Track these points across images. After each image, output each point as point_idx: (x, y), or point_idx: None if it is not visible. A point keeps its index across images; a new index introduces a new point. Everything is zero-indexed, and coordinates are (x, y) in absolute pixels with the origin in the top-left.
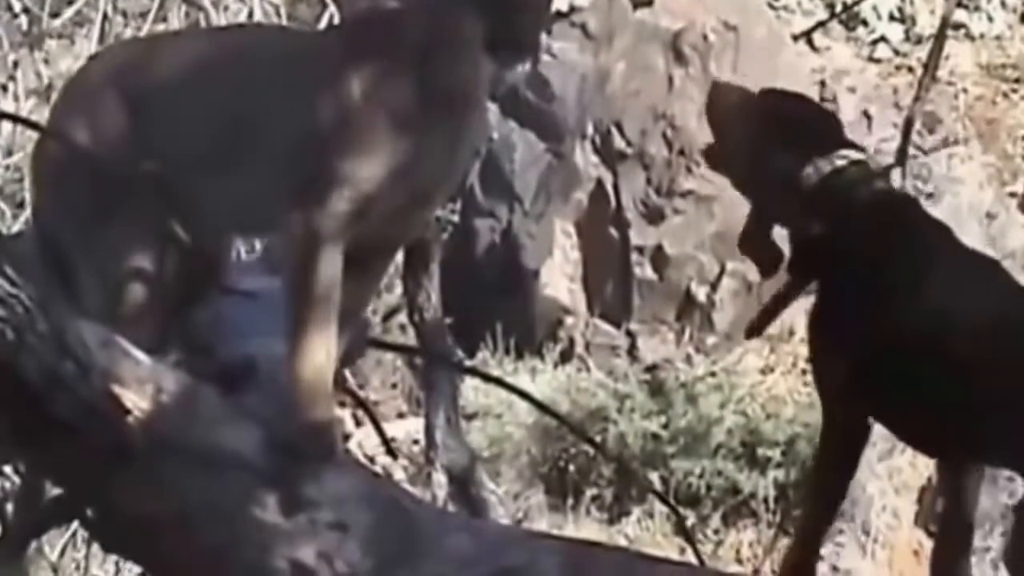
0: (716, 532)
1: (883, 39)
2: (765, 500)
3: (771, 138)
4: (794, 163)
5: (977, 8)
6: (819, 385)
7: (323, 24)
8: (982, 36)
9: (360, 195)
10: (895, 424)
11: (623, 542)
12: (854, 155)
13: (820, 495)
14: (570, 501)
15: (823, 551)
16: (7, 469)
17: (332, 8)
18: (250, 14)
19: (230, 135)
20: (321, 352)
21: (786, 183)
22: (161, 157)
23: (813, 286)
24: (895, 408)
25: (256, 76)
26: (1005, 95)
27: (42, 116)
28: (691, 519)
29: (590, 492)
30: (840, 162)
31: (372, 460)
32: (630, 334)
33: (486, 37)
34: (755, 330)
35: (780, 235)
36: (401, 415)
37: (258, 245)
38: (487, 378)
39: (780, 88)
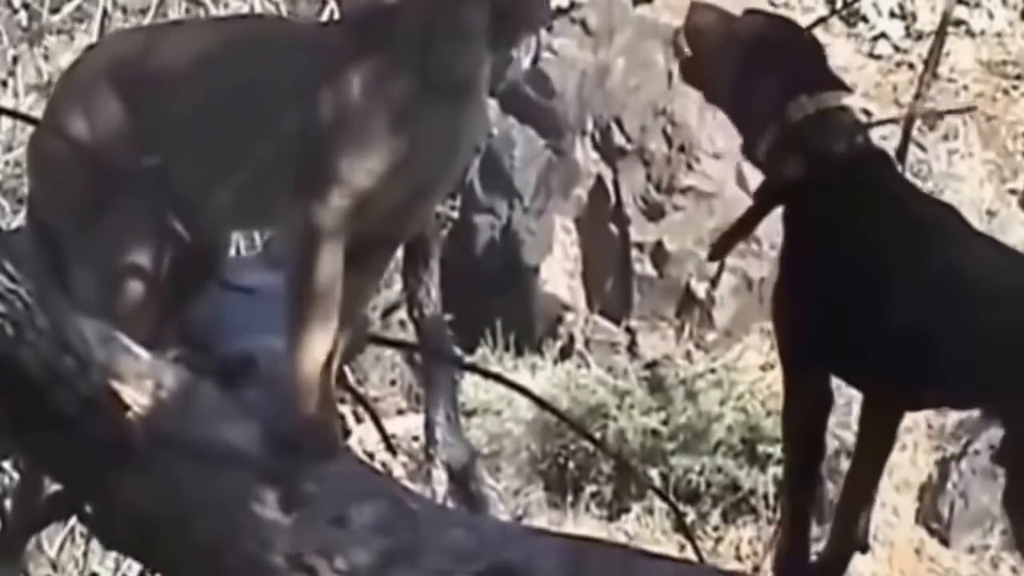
0: (716, 529)
1: (884, 36)
2: (765, 497)
3: (756, 63)
4: (778, 94)
5: (978, 5)
6: (780, 337)
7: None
8: (983, 33)
9: (360, 190)
10: (851, 373)
11: (622, 539)
12: (840, 98)
13: (795, 476)
14: (570, 498)
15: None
16: (6, 465)
17: (332, 5)
18: (251, 10)
19: (229, 127)
20: (322, 348)
21: (767, 113)
22: (159, 149)
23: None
24: (852, 355)
25: (256, 67)
26: (1006, 92)
27: (42, 112)
28: (691, 516)
29: (590, 489)
30: (826, 103)
31: (372, 456)
32: (630, 331)
33: (491, 13)
34: (719, 251)
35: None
36: (401, 411)
37: (258, 240)
38: (487, 374)
39: (764, 11)
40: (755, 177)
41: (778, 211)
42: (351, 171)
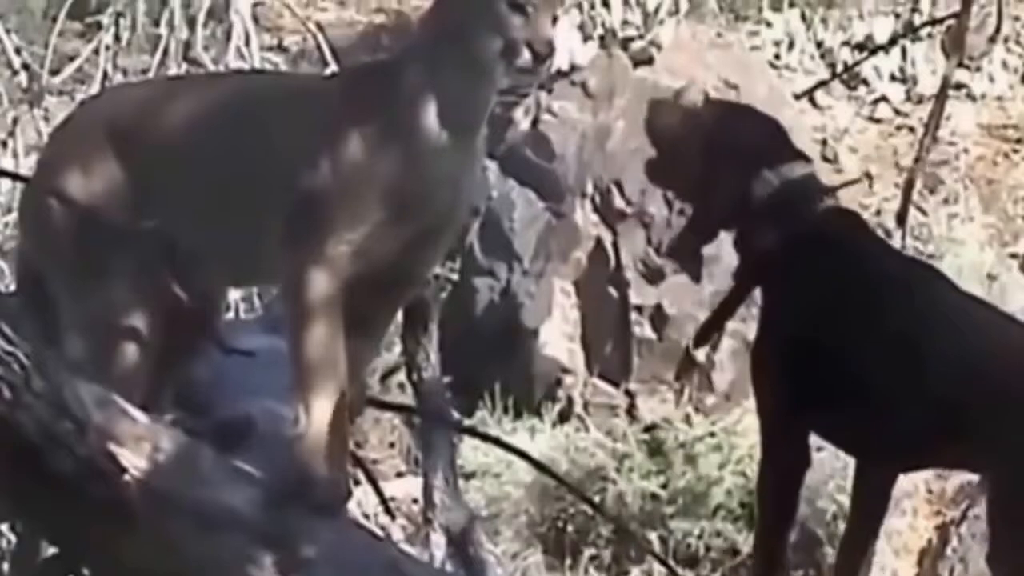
0: None
1: (884, 99)
2: None
3: (720, 150)
4: (743, 174)
5: (978, 68)
6: (760, 398)
7: None
8: (983, 96)
9: (355, 240)
10: (830, 431)
11: None
12: (804, 168)
13: (767, 534)
14: (568, 561)
15: None
16: (4, 528)
17: (333, 67)
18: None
19: (229, 181)
20: (328, 397)
21: (735, 194)
22: (156, 206)
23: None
24: (832, 414)
25: (255, 122)
26: (1006, 155)
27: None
28: None
29: (588, 552)
30: (790, 175)
31: (370, 519)
32: (629, 394)
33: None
34: (702, 338)
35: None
36: (399, 474)
37: (257, 304)
38: (485, 438)
39: (725, 100)
40: None
41: None
42: (347, 222)
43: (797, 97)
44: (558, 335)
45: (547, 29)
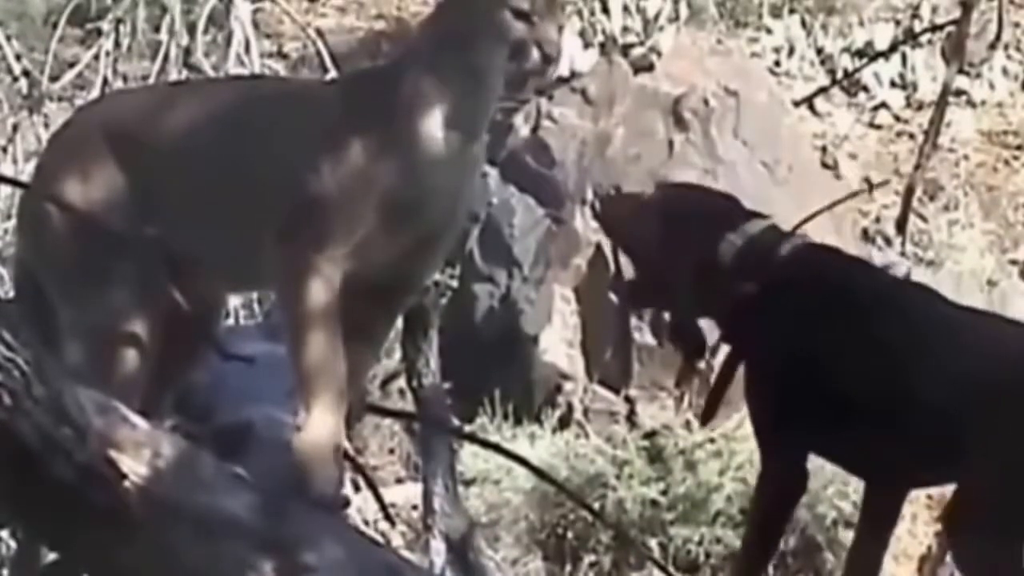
0: None
1: (884, 105)
2: None
3: (679, 231)
4: (706, 245)
5: (979, 75)
6: (755, 421)
7: None
8: (983, 103)
9: (355, 249)
10: (836, 455)
11: None
12: (762, 223)
13: (752, 547)
14: (568, 568)
15: None
16: (4, 534)
17: (333, 73)
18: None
19: (226, 188)
20: (328, 413)
21: (704, 264)
22: (156, 212)
23: None
24: (836, 439)
25: (255, 127)
26: (1006, 162)
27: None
28: None
29: (588, 559)
30: (752, 229)
31: (370, 525)
32: (629, 400)
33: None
34: (708, 415)
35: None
36: (399, 480)
37: (257, 310)
38: (485, 444)
39: (673, 183)
40: None
41: None
42: (346, 228)
43: (797, 104)
44: (558, 341)
45: (554, 32)
